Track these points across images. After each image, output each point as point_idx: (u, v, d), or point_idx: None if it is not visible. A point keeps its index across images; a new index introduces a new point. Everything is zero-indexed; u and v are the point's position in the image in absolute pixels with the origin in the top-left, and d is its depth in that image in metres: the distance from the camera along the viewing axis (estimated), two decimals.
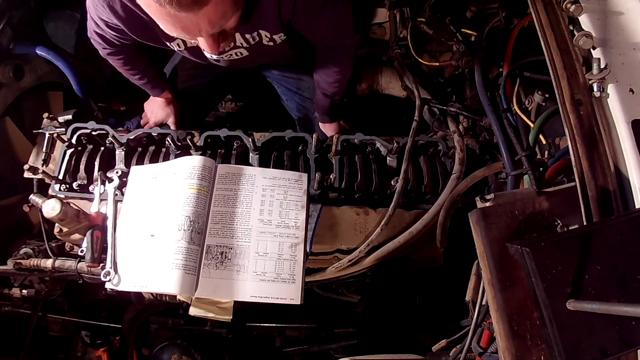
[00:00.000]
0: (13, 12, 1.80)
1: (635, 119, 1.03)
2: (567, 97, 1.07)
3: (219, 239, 1.30)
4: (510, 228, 0.91)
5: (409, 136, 1.51)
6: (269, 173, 1.40)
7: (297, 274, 1.28)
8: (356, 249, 1.39)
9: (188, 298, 1.31)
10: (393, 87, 2.19)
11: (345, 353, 1.77)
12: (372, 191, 1.52)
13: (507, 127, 1.29)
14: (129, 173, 1.43)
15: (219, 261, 1.28)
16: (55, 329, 1.96)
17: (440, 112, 1.70)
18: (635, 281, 0.83)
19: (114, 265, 1.27)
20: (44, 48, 1.89)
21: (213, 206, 1.33)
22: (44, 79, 1.96)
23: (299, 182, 1.39)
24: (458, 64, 1.77)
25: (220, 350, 1.88)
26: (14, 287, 1.67)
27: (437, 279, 1.79)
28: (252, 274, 1.27)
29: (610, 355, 0.80)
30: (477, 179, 1.43)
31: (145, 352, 1.91)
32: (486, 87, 1.38)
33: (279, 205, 1.35)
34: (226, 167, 1.40)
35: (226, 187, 1.36)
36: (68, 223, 1.34)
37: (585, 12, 1.18)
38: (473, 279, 1.35)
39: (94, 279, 1.46)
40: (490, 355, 1.13)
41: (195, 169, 1.33)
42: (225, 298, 1.28)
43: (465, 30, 1.69)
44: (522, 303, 0.87)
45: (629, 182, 0.98)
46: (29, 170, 1.54)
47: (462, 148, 1.50)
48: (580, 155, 1.01)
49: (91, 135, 1.59)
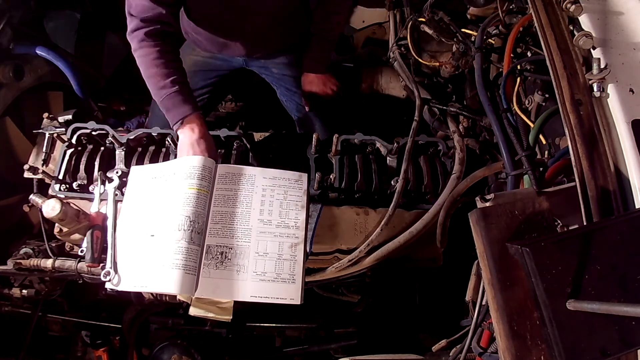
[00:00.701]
0: (13, 12, 1.81)
1: (635, 119, 1.02)
2: (567, 97, 1.07)
3: (219, 239, 1.30)
4: (510, 228, 0.91)
5: (409, 136, 1.51)
6: (269, 173, 1.40)
7: (297, 274, 1.28)
8: (356, 249, 1.39)
9: (188, 298, 1.31)
10: (393, 87, 2.19)
11: (345, 353, 1.77)
12: (372, 191, 1.52)
13: (507, 127, 1.28)
14: (129, 173, 1.43)
15: (219, 261, 1.27)
16: (55, 329, 1.96)
17: (440, 112, 1.70)
18: (635, 281, 0.83)
19: (114, 265, 1.27)
20: (44, 48, 1.90)
21: (213, 206, 1.33)
22: (44, 79, 1.96)
23: (299, 182, 1.39)
24: (458, 64, 1.77)
25: (220, 350, 1.88)
26: (14, 287, 1.67)
27: (437, 279, 1.78)
28: (252, 274, 1.27)
29: (610, 355, 0.80)
30: (477, 179, 1.43)
31: (145, 352, 1.91)
32: (486, 87, 1.37)
33: (279, 205, 1.35)
34: (226, 167, 1.40)
35: (226, 187, 1.36)
36: (68, 223, 1.34)
37: (585, 12, 1.18)
38: (473, 279, 1.35)
39: (94, 279, 1.46)
40: (490, 355, 1.13)
41: (195, 169, 1.33)
42: (225, 298, 1.28)
43: (465, 30, 1.69)
44: (522, 303, 0.87)
45: (629, 182, 0.98)
46: (29, 170, 1.54)
47: (462, 148, 1.50)
48: (580, 155, 1.01)
49: (91, 135, 1.59)
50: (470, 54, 1.66)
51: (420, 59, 1.90)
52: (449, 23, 1.75)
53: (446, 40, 1.76)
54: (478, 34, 1.54)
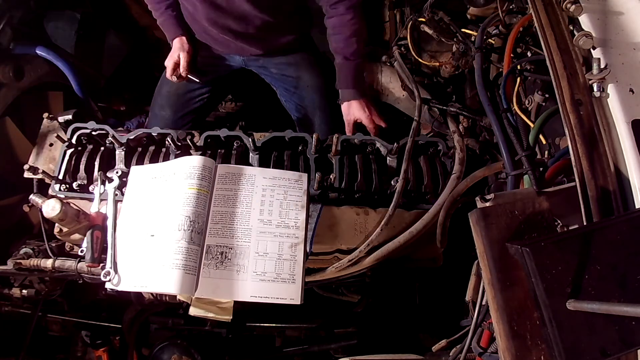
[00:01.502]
0: (13, 12, 1.81)
1: (635, 119, 1.02)
2: (567, 97, 1.07)
3: (219, 239, 1.30)
4: (510, 228, 0.91)
5: (409, 136, 1.51)
6: (269, 173, 1.40)
7: (297, 273, 1.28)
8: (356, 249, 1.39)
9: (188, 298, 1.31)
10: (393, 87, 2.19)
11: (345, 353, 1.77)
12: (372, 191, 1.52)
13: (507, 127, 1.28)
14: (129, 173, 1.43)
15: (219, 261, 1.27)
16: (55, 329, 1.96)
17: (440, 112, 1.70)
18: (635, 281, 0.83)
19: (114, 265, 1.27)
20: (44, 48, 1.90)
21: (213, 206, 1.33)
22: (44, 79, 1.96)
23: (299, 182, 1.39)
24: (458, 64, 1.76)
25: (220, 350, 1.88)
26: (14, 287, 1.67)
27: (437, 279, 1.78)
28: (252, 274, 1.27)
29: (610, 355, 0.80)
30: (477, 179, 1.43)
31: (145, 352, 1.91)
32: (486, 87, 1.37)
33: (279, 205, 1.35)
34: (226, 167, 1.40)
35: (226, 187, 1.36)
36: (68, 223, 1.34)
37: (585, 12, 1.18)
38: (473, 279, 1.35)
39: (94, 279, 1.46)
40: (490, 355, 1.13)
41: (195, 169, 1.33)
42: (225, 298, 1.28)
43: (465, 30, 1.69)
44: (522, 303, 0.87)
45: (629, 182, 0.98)
46: (29, 170, 1.53)
47: (462, 148, 1.50)
48: (580, 155, 1.01)
49: (91, 135, 1.59)
50: (470, 54, 1.66)
51: (420, 59, 1.90)
52: (449, 23, 1.75)
53: (446, 40, 1.76)
54: (478, 34, 1.55)
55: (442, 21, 1.78)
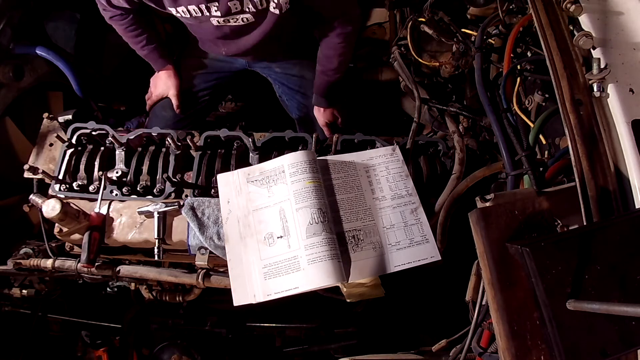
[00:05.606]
0: (13, 12, 1.80)
1: (635, 119, 1.02)
2: (567, 97, 1.07)
3: (346, 224, 1.34)
4: (510, 228, 0.91)
5: (409, 136, 1.51)
6: (363, 155, 1.46)
7: (427, 233, 1.35)
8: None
9: (342, 287, 1.32)
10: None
11: (345, 353, 1.77)
12: None
13: (507, 127, 1.28)
14: (217, 182, 1.44)
15: (354, 244, 1.32)
16: (55, 329, 1.96)
17: (440, 112, 1.70)
18: (635, 281, 0.83)
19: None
20: (44, 48, 1.89)
21: (328, 196, 1.37)
22: (44, 79, 1.96)
23: (394, 155, 1.47)
24: (458, 64, 1.76)
25: (220, 350, 1.88)
26: (14, 287, 1.67)
27: (437, 279, 1.79)
28: (388, 247, 1.32)
29: (610, 355, 0.80)
30: (477, 179, 1.43)
31: (145, 352, 1.92)
32: (486, 87, 1.37)
33: (386, 180, 1.42)
34: (322, 160, 1.44)
35: (332, 176, 1.41)
36: (68, 223, 1.34)
37: (585, 12, 1.18)
38: (473, 279, 1.34)
39: (94, 279, 1.46)
40: (490, 355, 1.13)
41: (307, 163, 1.37)
42: (373, 275, 1.30)
43: (465, 30, 1.69)
44: (522, 303, 0.87)
45: (629, 182, 0.98)
46: (29, 170, 1.53)
47: (462, 148, 1.50)
48: (580, 155, 1.01)
49: (91, 135, 1.59)
50: (470, 54, 1.66)
51: (420, 59, 1.90)
52: (449, 23, 1.75)
53: (446, 40, 1.76)
54: (478, 34, 1.54)
55: (442, 21, 1.78)
